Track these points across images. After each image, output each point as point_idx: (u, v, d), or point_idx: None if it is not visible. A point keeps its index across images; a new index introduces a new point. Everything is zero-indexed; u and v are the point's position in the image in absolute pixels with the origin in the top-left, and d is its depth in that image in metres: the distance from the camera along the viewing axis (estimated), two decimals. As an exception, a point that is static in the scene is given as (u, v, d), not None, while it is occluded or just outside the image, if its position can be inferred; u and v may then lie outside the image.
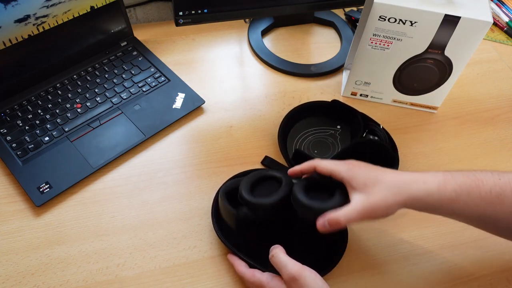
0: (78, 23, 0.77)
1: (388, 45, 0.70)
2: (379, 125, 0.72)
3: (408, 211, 0.68)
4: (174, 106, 0.76)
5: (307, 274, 0.50)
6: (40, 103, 0.74)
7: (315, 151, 0.71)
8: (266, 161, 0.71)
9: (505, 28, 0.98)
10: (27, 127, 0.71)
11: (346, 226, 0.52)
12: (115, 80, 0.79)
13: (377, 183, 0.49)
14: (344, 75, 0.86)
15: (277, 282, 0.53)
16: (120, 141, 0.71)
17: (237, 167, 0.70)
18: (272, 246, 0.55)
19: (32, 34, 0.72)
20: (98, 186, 0.67)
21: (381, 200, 0.49)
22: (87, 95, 0.76)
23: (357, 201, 0.49)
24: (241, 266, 0.57)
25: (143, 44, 0.86)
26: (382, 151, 0.66)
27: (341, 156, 0.65)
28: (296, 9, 0.84)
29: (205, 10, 0.78)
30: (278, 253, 0.53)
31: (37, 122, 0.72)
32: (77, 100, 0.75)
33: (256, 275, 0.55)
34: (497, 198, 0.48)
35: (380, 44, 0.71)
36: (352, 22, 0.96)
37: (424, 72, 0.73)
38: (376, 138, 0.70)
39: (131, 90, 0.78)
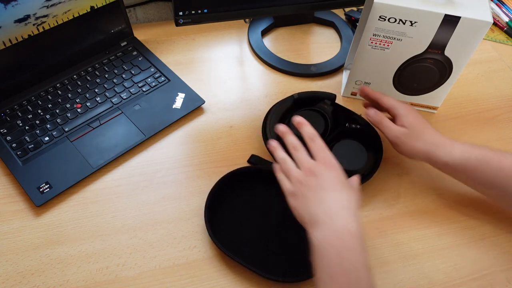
0: (78, 23, 0.77)
1: (388, 45, 0.70)
2: (359, 115, 0.72)
3: (408, 211, 0.68)
4: (174, 106, 0.76)
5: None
6: (40, 103, 0.74)
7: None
8: (253, 159, 0.71)
9: (505, 28, 0.98)
10: (27, 127, 0.71)
11: (382, 130, 0.66)
12: (115, 80, 0.79)
13: (420, 132, 0.64)
14: (344, 75, 0.86)
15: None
16: (120, 141, 0.71)
17: (237, 167, 0.70)
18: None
19: (32, 34, 0.72)
20: (98, 186, 0.67)
21: (413, 145, 0.63)
22: (87, 95, 0.76)
23: (402, 130, 0.64)
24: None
25: (143, 44, 0.86)
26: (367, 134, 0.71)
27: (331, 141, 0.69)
28: (296, 9, 0.84)
29: (205, 10, 0.78)
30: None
31: (37, 122, 0.72)
32: (77, 100, 0.75)
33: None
34: None
35: (380, 44, 0.71)
36: (352, 22, 0.96)
37: (424, 72, 0.73)
38: (358, 126, 0.71)
39: (131, 90, 0.78)
